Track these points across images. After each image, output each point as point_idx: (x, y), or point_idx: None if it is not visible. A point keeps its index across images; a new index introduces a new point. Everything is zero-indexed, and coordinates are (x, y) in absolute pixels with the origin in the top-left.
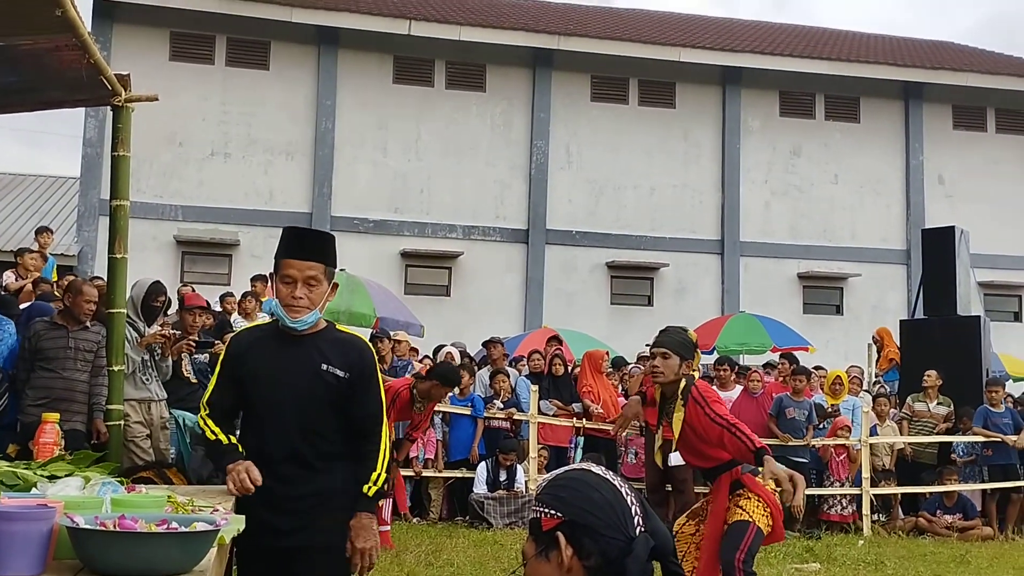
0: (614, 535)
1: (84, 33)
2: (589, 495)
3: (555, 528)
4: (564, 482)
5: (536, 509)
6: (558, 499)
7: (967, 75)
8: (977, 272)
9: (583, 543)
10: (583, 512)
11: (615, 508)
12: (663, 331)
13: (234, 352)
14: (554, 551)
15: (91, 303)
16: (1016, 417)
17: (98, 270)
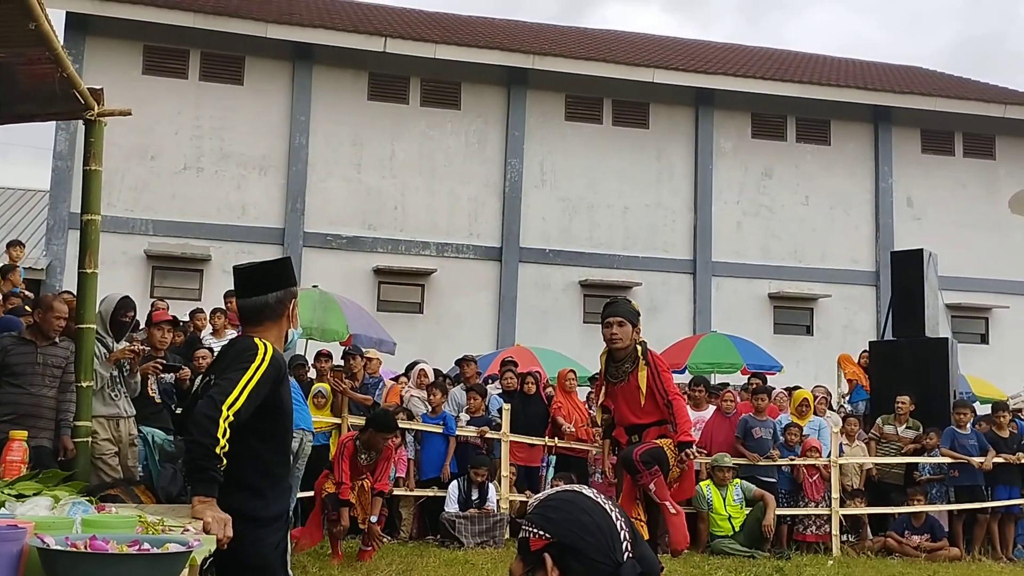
0: (602, 559)
1: (57, 47)
2: (579, 518)
3: (543, 549)
4: (555, 503)
5: (526, 529)
6: (548, 520)
7: (936, 100)
8: (945, 294)
9: (570, 566)
10: (572, 534)
11: (604, 532)
12: (613, 303)
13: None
14: (541, 572)
15: (61, 319)
16: (982, 439)
17: (67, 284)
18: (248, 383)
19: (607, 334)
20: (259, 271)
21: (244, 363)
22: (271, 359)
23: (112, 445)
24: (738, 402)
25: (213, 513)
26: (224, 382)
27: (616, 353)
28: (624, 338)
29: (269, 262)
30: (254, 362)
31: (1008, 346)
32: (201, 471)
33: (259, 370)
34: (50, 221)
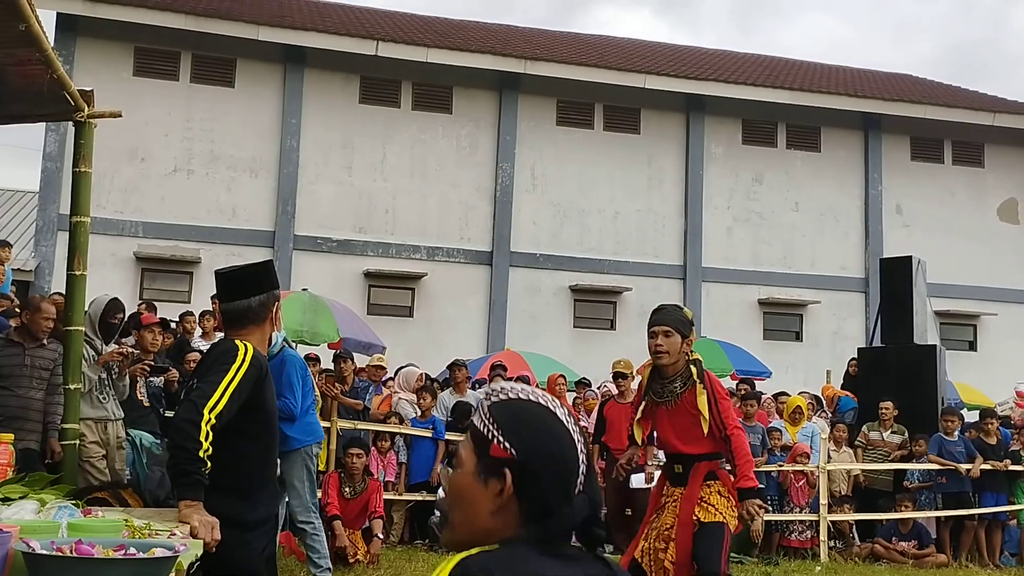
0: (558, 490)
1: (48, 48)
2: (549, 448)
3: (504, 462)
4: (528, 419)
5: (487, 425)
6: (518, 436)
7: (925, 107)
8: (933, 301)
9: (526, 488)
10: (538, 462)
11: (568, 465)
12: (660, 310)
13: (263, 374)
14: (495, 480)
15: (48, 320)
16: (969, 446)
17: (55, 285)
18: (229, 385)
19: (652, 346)
20: (241, 275)
21: (224, 365)
22: (251, 360)
23: (100, 448)
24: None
25: (200, 517)
26: (205, 385)
27: (663, 369)
28: (672, 351)
29: (251, 265)
30: (234, 364)
31: (996, 353)
32: (186, 475)
33: (239, 371)
34: (39, 222)
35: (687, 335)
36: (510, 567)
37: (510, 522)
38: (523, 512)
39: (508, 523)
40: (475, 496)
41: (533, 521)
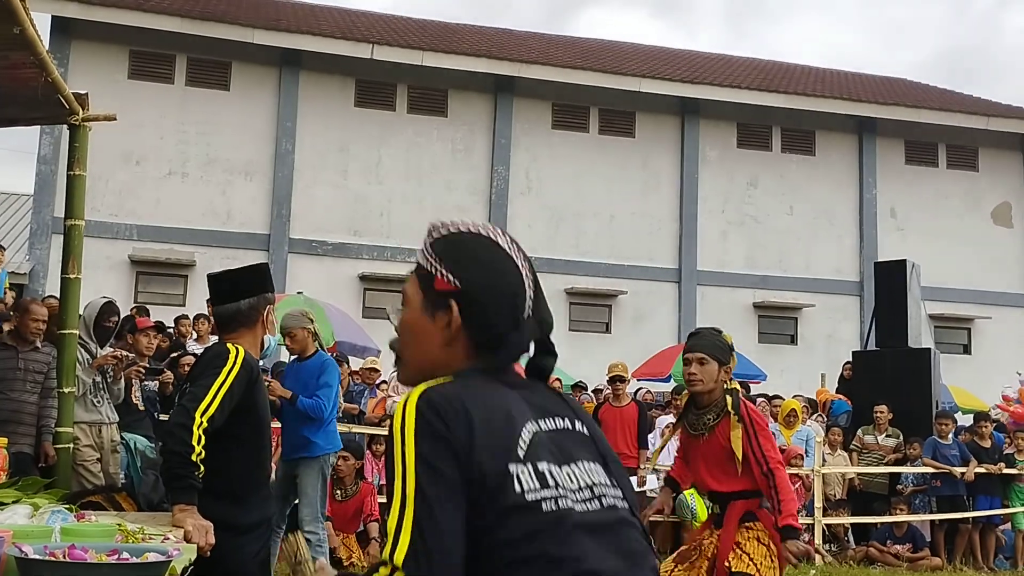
0: (506, 317)
1: (42, 51)
2: (492, 274)
3: (449, 294)
4: (470, 250)
5: (430, 260)
6: (461, 267)
7: (920, 111)
8: (928, 305)
9: (473, 318)
10: (483, 291)
11: (515, 292)
12: (696, 334)
13: (254, 376)
14: (441, 313)
15: (38, 322)
16: (963, 449)
17: (50, 288)
18: (220, 389)
19: (685, 374)
20: (231, 278)
21: (215, 369)
22: (242, 363)
23: (94, 451)
24: None
25: (194, 521)
26: (196, 389)
27: (698, 399)
28: (706, 379)
29: (242, 268)
30: (225, 367)
31: (990, 357)
32: (179, 479)
33: (230, 375)
34: (33, 225)
35: (725, 362)
36: (471, 394)
37: (460, 353)
38: (473, 342)
39: (459, 354)
40: (424, 331)
41: (484, 350)
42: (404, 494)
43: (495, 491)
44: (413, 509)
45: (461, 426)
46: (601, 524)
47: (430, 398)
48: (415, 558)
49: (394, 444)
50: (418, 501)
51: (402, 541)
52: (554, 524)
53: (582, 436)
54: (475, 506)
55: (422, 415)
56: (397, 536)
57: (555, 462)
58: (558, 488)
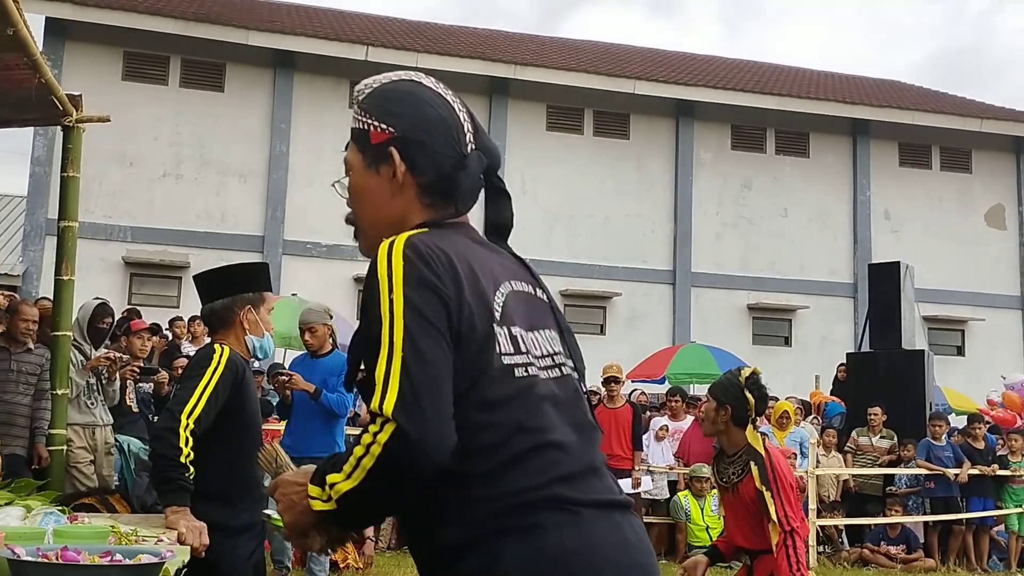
0: (448, 152)
1: (36, 52)
2: (423, 112)
3: (387, 143)
4: (397, 96)
5: (362, 120)
6: (392, 114)
7: (913, 113)
8: (921, 306)
9: (415, 159)
10: (417, 129)
11: (450, 125)
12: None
13: (240, 376)
14: (384, 165)
15: (29, 323)
16: (957, 451)
17: (43, 290)
18: (205, 389)
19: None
20: (207, 278)
21: (200, 371)
22: (227, 362)
23: (88, 453)
24: None
25: (187, 522)
26: (182, 392)
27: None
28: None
29: (219, 268)
30: (209, 367)
31: (983, 358)
32: (168, 482)
33: (215, 375)
34: (27, 227)
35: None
36: (451, 246)
37: (413, 201)
38: (422, 187)
39: (412, 203)
40: (372, 187)
41: (436, 194)
42: (392, 342)
43: (477, 351)
44: (402, 358)
45: (449, 278)
46: (560, 395)
47: (416, 245)
48: (405, 408)
49: (379, 290)
50: (407, 349)
51: (391, 391)
52: (525, 391)
53: (542, 303)
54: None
55: (410, 261)
56: (386, 386)
57: (523, 327)
58: (528, 355)
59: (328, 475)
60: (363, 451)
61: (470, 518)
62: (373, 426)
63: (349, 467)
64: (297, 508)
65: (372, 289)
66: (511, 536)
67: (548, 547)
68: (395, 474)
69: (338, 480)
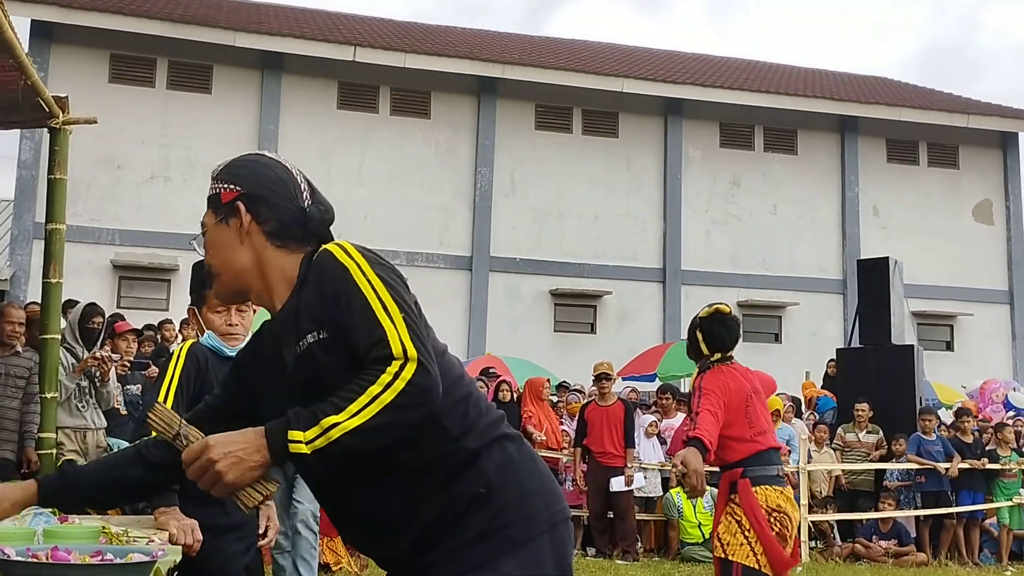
0: (287, 204)
1: (22, 54)
2: (264, 172)
3: (234, 200)
4: (242, 162)
5: (215, 187)
6: (236, 175)
7: (901, 110)
8: (910, 302)
9: (259, 211)
10: (260, 185)
11: (287, 183)
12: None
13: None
14: (233, 218)
15: (14, 325)
16: (947, 445)
17: (32, 295)
18: (170, 386)
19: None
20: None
21: (165, 369)
22: (187, 354)
23: (79, 457)
24: None
25: (178, 522)
26: (150, 396)
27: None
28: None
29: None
30: (171, 364)
31: (972, 353)
32: None
33: (176, 369)
34: (14, 231)
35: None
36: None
37: (262, 244)
38: (267, 233)
39: (261, 245)
40: (223, 239)
41: (283, 236)
42: (385, 306)
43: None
44: (402, 316)
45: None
46: None
47: (356, 244)
48: (423, 351)
49: (353, 275)
50: (403, 312)
51: (405, 338)
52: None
53: None
54: None
55: (367, 254)
56: (399, 335)
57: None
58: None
59: (325, 418)
60: (381, 388)
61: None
62: (392, 367)
63: (359, 405)
64: (245, 464)
65: (340, 278)
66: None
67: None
68: (412, 409)
69: (341, 419)
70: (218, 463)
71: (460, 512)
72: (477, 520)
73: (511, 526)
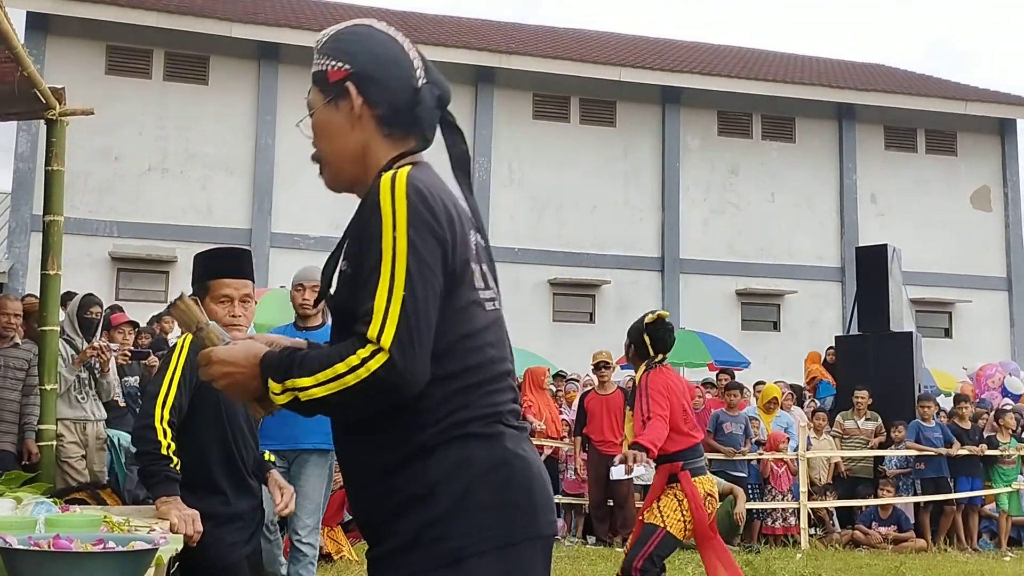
0: (401, 86)
1: (17, 45)
2: (375, 50)
3: (343, 80)
4: (351, 37)
5: (321, 62)
6: (345, 52)
7: (898, 97)
8: (909, 289)
9: (371, 93)
10: (370, 65)
11: (401, 62)
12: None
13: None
14: (343, 100)
15: (11, 317)
16: (946, 431)
17: (29, 287)
18: (173, 377)
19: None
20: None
21: (166, 363)
22: (190, 346)
23: (79, 448)
24: (706, 398)
25: (179, 512)
26: (152, 387)
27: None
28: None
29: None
30: (173, 356)
31: (971, 340)
32: (153, 475)
33: (179, 361)
34: (12, 223)
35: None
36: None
37: (371, 130)
38: (380, 119)
39: (370, 132)
40: (333, 122)
41: (392, 123)
42: (393, 277)
43: (460, 285)
44: (403, 297)
45: (445, 219)
46: (502, 328)
47: (417, 186)
48: (400, 344)
49: (382, 224)
50: (408, 291)
51: (389, 324)
52: (494, 323)
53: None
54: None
55: (413, 203)
56: (384, 318)
57: (486, 265)
58: (491, 290)
59: (293, 377)
60: (346, 369)
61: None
62: (363, 351)
63: (324, 377)
64: (241, 387)
65: (373, 220)
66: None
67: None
68: (373, 398)
69: (307, 384)
70: (219, 380)
71: (396, 510)
72: (410, 524)
73: (446, 539)
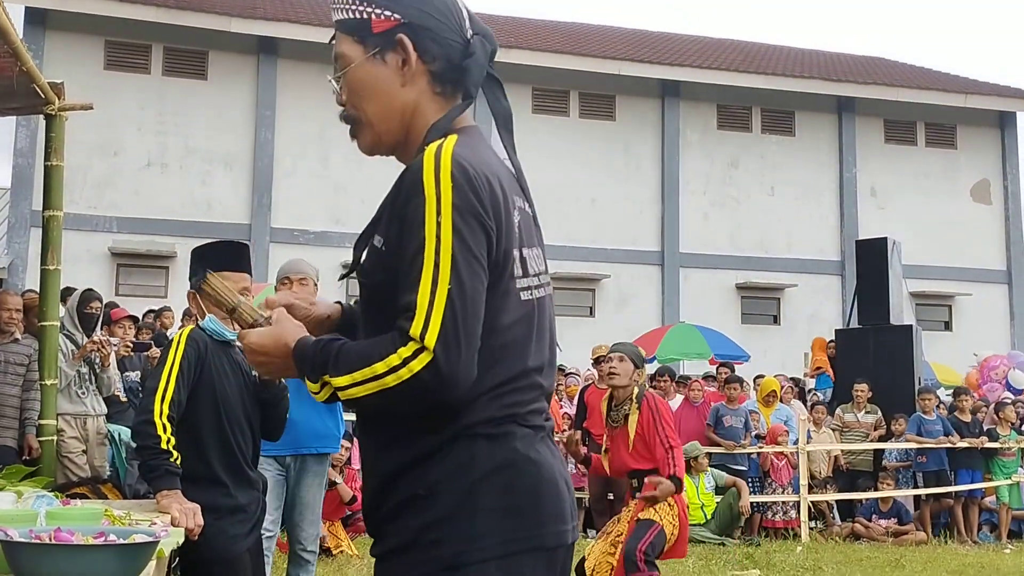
0: (454, 37)
1: (16, 40)
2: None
3: (393, 29)
4: None
5: (359, 9)
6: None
7: (898, 90)
8: (909, 282)
9: (426, 46)
10: (423, 15)
11: (452, 11)
12: (618, 343)
13: (202, 349)
14: (392, 53)
15: (11, 312)
16: (946, 424)
17: (29, 283)
18: (171, 372)
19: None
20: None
21: (165, 355)
22: (187, 340)
23: (79, 443)
24: (705, 391)
25: (179, 505)
26: (150, 382)
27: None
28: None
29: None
30: (171, 350)
31: (971, 333)
32: (154, 469)
33: (177, 355)
34: (11, 219)
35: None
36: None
37: (424, 88)
38: (433, 74)
39: (422, 90)
40: (380, 78)
41: (444, 80)
42: (437, 268)
43: (500, 276)
44: (448, 290)
45: (491, 205)
46: (546, 315)
47: (464, 167)
48: (446, 343)
49: (425, 207)
50: (454, 283)
51: (434, 320)
52: (528, 315)
53: (533, 217)
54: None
55: (459, 187)
56: (428, 314)
57: (528, 247)
58: (529, 277)
59: (330, 376)
60: (386, 369)
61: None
62: (404, 349)
63: (362, 376)
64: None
65: (415, 202)
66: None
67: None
68: (416, 401)
69: (344, 384)
70: (254, 360)
71: (397, 508)
72: (409, 525)
73: (444, 543)
